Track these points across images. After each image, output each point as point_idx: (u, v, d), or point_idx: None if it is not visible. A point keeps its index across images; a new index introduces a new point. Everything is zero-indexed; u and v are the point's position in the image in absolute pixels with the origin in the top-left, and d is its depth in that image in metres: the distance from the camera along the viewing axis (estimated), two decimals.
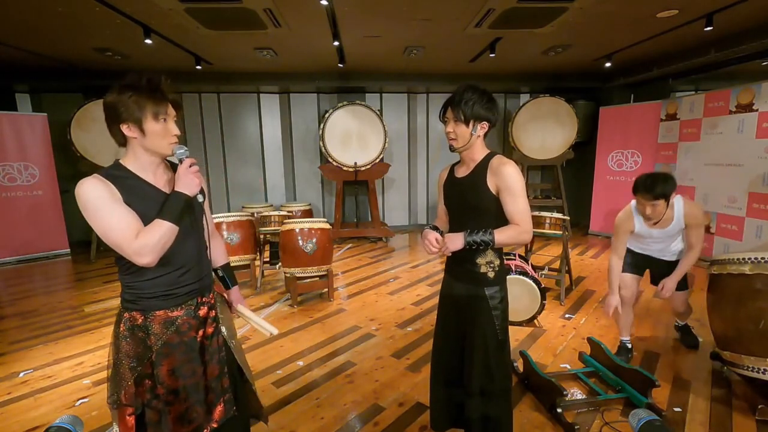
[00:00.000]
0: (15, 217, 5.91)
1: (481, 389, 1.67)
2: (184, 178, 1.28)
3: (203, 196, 1.38)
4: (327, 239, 4.05)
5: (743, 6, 3.80)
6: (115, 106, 1.21)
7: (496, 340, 1.67)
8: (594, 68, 6.40)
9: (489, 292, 1.67)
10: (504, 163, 1.58)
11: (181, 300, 1.35)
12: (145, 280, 1.29)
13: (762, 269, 2.13)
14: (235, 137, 7.45)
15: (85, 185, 1.19)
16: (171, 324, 1.32)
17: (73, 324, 3.68)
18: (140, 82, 1.23)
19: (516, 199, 1.56)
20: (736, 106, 4.78)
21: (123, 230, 1.19)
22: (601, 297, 4.07)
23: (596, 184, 6.93)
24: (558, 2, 3.71)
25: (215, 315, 1.45)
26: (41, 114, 6.19)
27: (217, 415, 1.39)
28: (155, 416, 1.31)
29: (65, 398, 2.53)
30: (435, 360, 1.89)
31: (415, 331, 3.40)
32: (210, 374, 1.39)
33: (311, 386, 2.61)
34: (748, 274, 2.18)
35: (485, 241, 1.56)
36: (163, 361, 1.31)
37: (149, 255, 1.21)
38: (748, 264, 2.19)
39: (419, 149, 7.93)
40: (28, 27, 4.09)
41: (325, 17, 4.04)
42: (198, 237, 1.41)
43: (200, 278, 1.40)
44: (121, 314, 1.33)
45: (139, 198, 1.26)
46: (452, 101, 1.60)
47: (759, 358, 2.11)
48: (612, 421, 2.18)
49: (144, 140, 1.25)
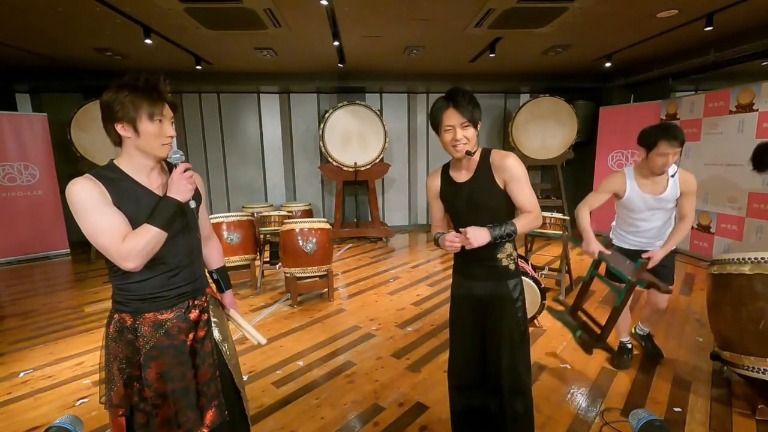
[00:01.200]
0: (15, 217, 5.91)
1: (509, 387, 1.67)
2: (177, 184, 1.26)
3: (197, 201, 1.36)
4: (327, 239, 4.05)
5: (743, 6, 3.80)
6: (111, 105, 1.20)
7: (519, 332, 1.68)
8: (594, 68, 6.40)
9: (512, 284, 1.68)
10: (505, 156, 1.60)
11: (171, 302, 1.33)
12: (134, 282, 1.28)
13: (762, 269, 2.13)
14: (235, 137, 7.45)
15: (76, 186, 1.18)
16: (160, 327, 1.31)
17: (73, 324, 3.68)
18: (137, 81, 1.21)
19: (524, 188, 1.59)
20: (736, 106, 4.78)
21: (110, 234, 1.18)
22: (601, 297, 4.07)
23: (596, 184, 6.91)
24: (558, 2, 3.70)
25: (207, 318, 1.43)
26: (41, 114, 6.19)
27: (209, 419, 1.36)
28: (143, 419, 1.30)
29: (65, 398, 2.53)
30: (454, 366, 1.83)
31: (415, 331, 3.40)
32: (201, 378, 1.36)
33: (311, 386, 2.61)
34: (748, 274, 2.18)
35: (509, 233, 1.56)
36: (151, 364, 1.29)
37: (135, 260, 1.20)
38: (748, 264, 2.19)
39: (419, 149, 7.93)
40: (28, 27, 4.09)
41: (325, 17, 4.05)
42: (190, 240, 1.39)
43: (192, 281, 1.39)
44: (111, 315, 1.33)
45: (130, 200, 1.24)
46: (458, 105, 1.54)
47: (759, 358, 2.12)
48: (612, 421, 2.18)
49: (138, 141, 1.23)
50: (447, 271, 5.10)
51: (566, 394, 2.46)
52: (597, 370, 2.73)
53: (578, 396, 2.44)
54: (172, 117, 1.30)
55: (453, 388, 1.85)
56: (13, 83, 6.14)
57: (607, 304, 3.86)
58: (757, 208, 4.57)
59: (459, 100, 1.54)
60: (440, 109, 1.58)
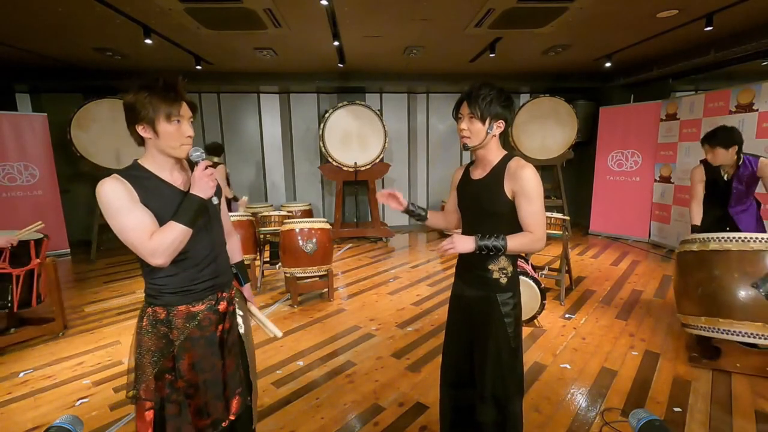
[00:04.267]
0: (15, 217, 5.90)
1: (493, 395, 1.62)
2: (199, 182, 1.30)
3: (218, 197, 1.41)
4: (327, 239, 4.05)
5: (743, 6, 3.80)
6: (132, 107, 1.24)
7: (508, 347, 1.61)
8: (594, 68, 6.40)
9: (501, 298, 1.61)
10: (523, 167, 1.51)
11: (202, 295, 1.39)
12: (165, 276, 1.33)
13: (704, 246, 2.61)
14: (235, 137, 7.45)
15: (104, 186, 1.23)
16: (193, 318, 1.36)
17: (73, 324, 3.68)
18: (156, 82, 1.25)
19: (532, 205, 1.50)
20: (736, 106, 4.78)
21: (138, 231, 1.23)
22: (601, 297, 4.07)
23: (596, 184, 6.93)
24: (558, 2, 3.71)
25: (233, 310, 1.50)
26: (41, 114, 6.19)
27: (234, 408, 1.44)
28: (175, 409, 1.33)
29: (65, 398, 2.53)
30: (445, 363, 1.84)
31: (415, 331, 3.40)
32: (228, 368, 1.43)
33: (311, 386, 2.61)
34: (695, 251, 2.68)
35: (497, 247, 1.50)
36: (184, 355, 1.34)
37: (161, 256, 1.24)
38: (696, 243, 2.67)
39: (419, 149, 7.94)
40: (28, 27, 4.09)
41: (325, 17, 4.05)
42: (213, 235, 1.43)
43: (218, 275, 1.44)
44: (144, 309, 1.37)
45: (156, 197, 1.29)
46: (468, 97, 1.53)
47: (695, 317, 2.65)
48: (612, 421, 2.18)
49: (158, 141, 1.28)
50: (447, 271, 5.10)
51: (566, 394, 2.46)
52: (597, 370, 2.73)
53: (578, 396, 2.44)
54: (191, 117, 1.33)
55: (444, 384, 1.85)
56: (13, 83, 6.14)
57: (607, 304, 3.86)
58: None
59: (471, 93, 1.53)
60: (459, 99, 1.60)
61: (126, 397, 1.34)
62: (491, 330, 1.61)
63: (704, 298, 2.57)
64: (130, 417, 2.31)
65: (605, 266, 5.15)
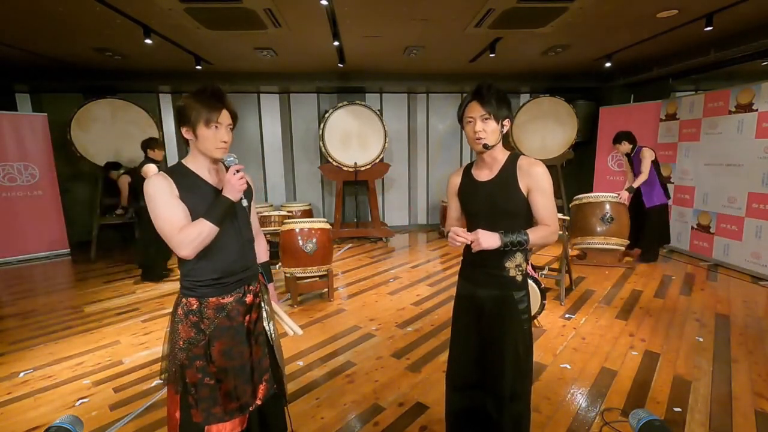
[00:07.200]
0: (15, 217, 5.91)
1: (512, 393, 1.62)
2: (229, 184, 1.41)
3: (248, 199, 1.53)
4: (327, 239, 4.05)
5: (743, 6, 3.80)
6: (181, 111, 1.40)
7: (525, 345, 1.62)
8: (594, 68, 6.41)
9: (518, 296, 1.61)
10: (534, 164, 1.56)
11: (231, 288, 1.49)
12: (197, 269, 1.44)
13: (591, 200, 4.79)
14: (235, 137, 7.32)
15: (151, 180, 1.38)
16: (222, 309, 1.47)
17: (73, 324, 3.68)
18: (204, 91, 1.40)
19: (547, 200, 1.55)
20: (736, 106, 4.78)
21: (170, 223, 1.35)
22: (601, 297, 4.07)
23: (596, 184, 6.93)
24: (558, 2, 3.71)
25: (260, 302, 1.61)
26: (41, 114, 6.19)
27: (261, 393, 1.56)
28: (207, 392, 1.44)
29: (65, 398, 2.53)
30: (452, 368, 1.80)
31: (415, 331, 3.40)
32: (255, 356, 1.54)
33: (311, 386, 2.61)
34: (585, 203, 4.84)
35: (520, 242, 1.51)
36: (215, 343, 1.45)
37: (186, 248, 1.36)
38: (591, 199, 4.81)
39: (419, 149, 7.94)
40: (28, 27, 4.09)
41: (325, 17, 4.05)
42: (241, 233, 1.53)
43: (245, 269, 1.54)
44: (179, 299, 1.49)
45: (193, 194, 1.42)
46: (480, 98, 1.53)
47: (579, 237, 4.86)
48: (612, 421, 2.18)
49: (197, 143, 1.43)
50: (447, 271, 5.10)
51: (566, 394, 2.46)
52: (597, 370, 2.73)
53: (578, 396, 2.44)
54: (230, 124, 1.47)
55: (451, 388, 1.81)
56: (13, 83, 6.13)
57: (607, 304, 3.86)
58: (756, 208, 4.57)
59: (482, 92, 1.53)
60: (465, 102, 1.59)
61: (159, 378, 1.44)
62: (508, 329, 1.61)
63: (581, 227, 4.83)
64: (131, 417, 2.31)
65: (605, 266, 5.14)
